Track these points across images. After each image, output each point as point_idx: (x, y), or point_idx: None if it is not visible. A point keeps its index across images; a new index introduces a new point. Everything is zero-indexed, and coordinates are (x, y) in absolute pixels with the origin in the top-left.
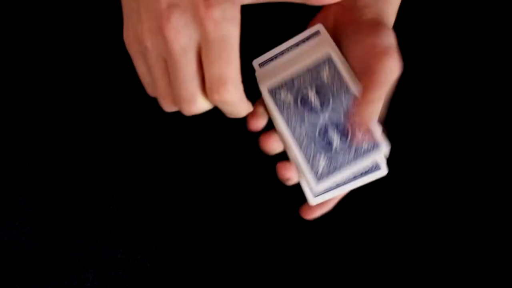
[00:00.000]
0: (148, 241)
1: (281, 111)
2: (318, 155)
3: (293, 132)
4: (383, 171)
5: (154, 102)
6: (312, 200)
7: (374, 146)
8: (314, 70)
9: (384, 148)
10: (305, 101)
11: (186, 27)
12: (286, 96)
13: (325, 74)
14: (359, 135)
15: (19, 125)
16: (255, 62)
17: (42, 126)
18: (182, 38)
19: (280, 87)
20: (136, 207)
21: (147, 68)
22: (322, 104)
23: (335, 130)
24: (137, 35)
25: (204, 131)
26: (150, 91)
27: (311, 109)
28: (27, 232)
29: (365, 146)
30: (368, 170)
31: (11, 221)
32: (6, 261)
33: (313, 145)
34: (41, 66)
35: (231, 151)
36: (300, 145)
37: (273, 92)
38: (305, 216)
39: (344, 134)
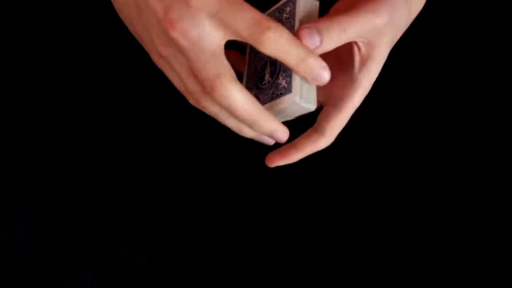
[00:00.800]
0: (148, 241)
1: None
2: (252, 89)
3: (249, 62)
4: (294, 94)
5: (154, 102)
6: None
7: (287, 89)
8: (278, 10)
9: (295, 96)
10: None
11: (187, 19)
12: None
13: (286, 13)
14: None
15: (19, 125)
16: None
17: (42, 126)
18: (188, 32)
19: None
20: (136, 207)
21: (177, 75)
22: None
23: (269, 68)
24: (157, 52)
25: (205, 131)
26: (187, 96)
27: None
28: (27, 232)
29: (282, 85)
30: (282, 92)
31: (11, 221)
32: (6, 261)
33: (252, 77)
34: (41, 66)
35: (231, 151)
36: (247, 75)
37: None
38: (267, 164)
39: (272, 73)
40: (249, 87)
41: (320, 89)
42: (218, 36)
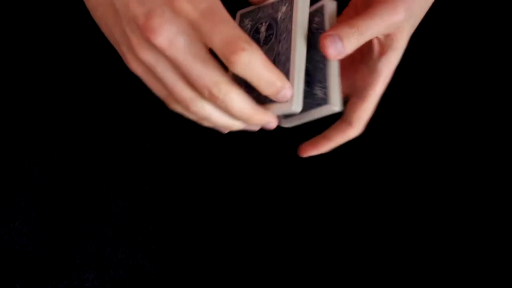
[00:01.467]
0: (148, 241)
1: None
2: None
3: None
4: (332, 106)
5: (153, 102)
6: (283, 123)
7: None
8: (275, 7)
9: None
10: (256, 32)
11: (169, 26)
12: (247, 24)
13: (281, 13)
14: None
15: (19, 125)
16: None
17: (42, 126)
18: (174, 41)
19: (248, 14)
20: (136, 207)
21: (159, 81)
22: (265, 40)
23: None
24: (136, 58)
25: (204, 131)
26: (172, 103)
27: (258, 40)
28: (27, 232)
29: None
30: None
31: (11, 221)
32: (6, 261)
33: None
34: (41, 66)
35: (231, 151)
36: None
37: (242, 17)
38: (301, 154)
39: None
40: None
41: (344, 81)
42: (200, 44)
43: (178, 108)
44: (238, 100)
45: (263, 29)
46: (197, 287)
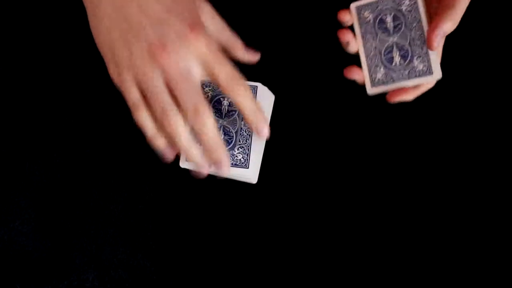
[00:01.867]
0: (148, 241)
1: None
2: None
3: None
4: (436, 76)
5: None
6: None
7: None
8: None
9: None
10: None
11: (180, 52)
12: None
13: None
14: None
15: (19, 125)
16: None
17: (42, 126)
18: (179, 63)
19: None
20: (136, 207)
21: (141, 92)
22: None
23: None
24: (131, 69)
25: None
26: (140, 109)
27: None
28: (27, 232)
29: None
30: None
31: (11, 221)
32: (6, 261)
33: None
34: (41, 66)
35: None
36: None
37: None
38: (389, 100)
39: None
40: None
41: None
42: (199, 75)
43: (144, 117)
44: (213, 127)
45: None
46: (197, 287)
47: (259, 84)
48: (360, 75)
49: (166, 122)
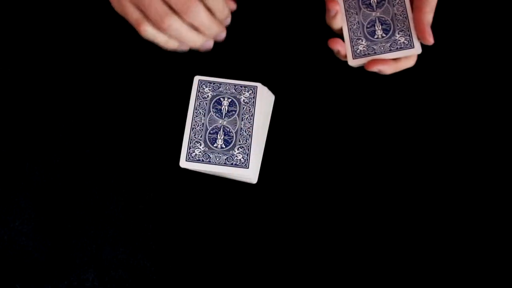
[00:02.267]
0: (148, 241)
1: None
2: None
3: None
4: (417, 50)
5: (153, 102)
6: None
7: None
8: (238, 89)
9: (418, 50)
10: (218, 104)
11: None
12: (208, 92)
13: (243, 96)
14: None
15: (19, 125)
16: None
17: (42, 126)
18: None
19: (208, 83)
20: (136, 207)
21: (135, 3)
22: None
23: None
24: None
25: None
26: (144, 24)
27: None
28: (27, 232)
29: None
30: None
31: (11, 221)
32: (6, 261)
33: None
34: (41, 66)
35: None
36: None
37: (201, 83)
38: (367, 67)
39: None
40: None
41: None
42: None
43: (149, 30)
44: (204, 12)
45: (225, 103)
46: (197, 287)
47: (259, 84)
48: (343, 46)
49: (166, 25)
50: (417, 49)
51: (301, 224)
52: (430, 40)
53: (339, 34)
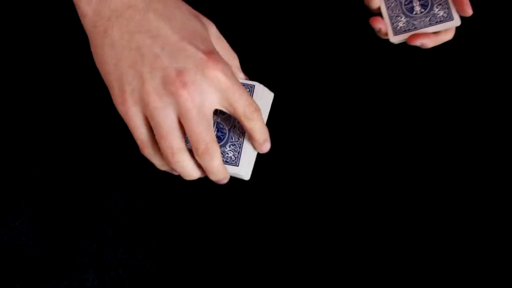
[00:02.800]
0: (148, 241)
1: None
2: (400, 16)
3: None
4: (456, 22)
5: None
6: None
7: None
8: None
9: (458, 22)
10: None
11: (198, 85)
12: None
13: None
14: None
15: (19, 125)
16: None
17: (42, 126)
18: (196, 96)
19: None
20: (136, 207)
21: (149, 126)
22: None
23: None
24: (141, 99)
25: None
26: (148, 148)
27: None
28: (27, 232)
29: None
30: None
31: (11, 221)
32: (6, 261)
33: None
34: (41, 66)
35: None
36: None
37: None
38: (409, 42)
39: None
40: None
41: None
42: (214, 107)
43: (150, 154)
44: (220, 164)
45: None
46: (197, 287)
47: (256, 83)
48: (384, 24)
49: (174, 161)
50: (457, 21)
51: (300, 223)
52: (469, 11)
53: (377, 13)
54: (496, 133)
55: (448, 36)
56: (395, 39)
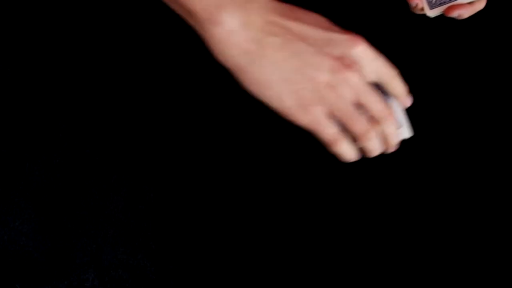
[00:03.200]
0: (148, 241)
1: None
2: None
3: None
4: None
5: (153, 101)
6: (428, 13)
7: None
8: None
9: None
10: None
11: (359, 63)
12: None
13: None
14: None
15: (19, 125)
16: None
17: (42, 126)
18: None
19: None
20: (136, 207)
21: (333, 117)
22: None
23: None
24: (319, 99)
25: (204, 131)
26: (340, 141)
27: None
28: (27, 232)
29: None
30: None
31: (11, 221)
32: (6, 261)
33: None
34: (41, 66)
35: (231, 151)
36: None
37: None
38: (446, 14)
39: None
40: None
41: None
42: (371, 78)
43: (344, 146)
44: (394, 127)
45: None
46: (196, 287)
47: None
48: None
49: (367, 141)
50: None
51: (301, 225)
52: None
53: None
54: (496, 133)
55: (482, 4)
56: (431, 13)
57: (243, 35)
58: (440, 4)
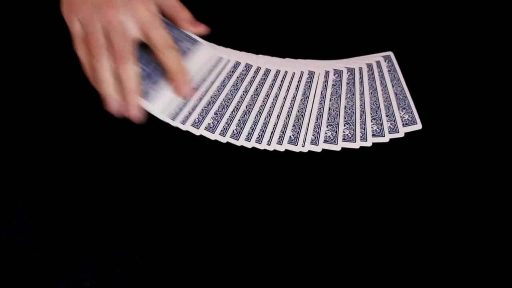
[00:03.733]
0: (147, 240)
1: None
2: None
3: None
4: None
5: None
6: None
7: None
8: None
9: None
10: None
11: (123, 11)
12: None
13: None
14: None
15: (17, 125)
16: None
17: (40, 125)
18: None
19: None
20: (134, 206)
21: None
22: None
23: None
24: (79, 11)
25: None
26: (79, 48)
27: None
28: (26, 232)
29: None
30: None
31: (10, 221)
32: (5, 260)
33: None
34: (40, 66)
35: (231, 151)
36: None
37: None
38: None
39: None
40: None
41: None
42: (135, 33)
43: (79, 48)
44: (134, 74)
45: None
46: (196, 287)
47: (202, 41)
48: None
49: (96, 58)
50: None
51: (301, 225)
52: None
53: None
54: (496, 133)
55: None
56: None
57: None
58: None
